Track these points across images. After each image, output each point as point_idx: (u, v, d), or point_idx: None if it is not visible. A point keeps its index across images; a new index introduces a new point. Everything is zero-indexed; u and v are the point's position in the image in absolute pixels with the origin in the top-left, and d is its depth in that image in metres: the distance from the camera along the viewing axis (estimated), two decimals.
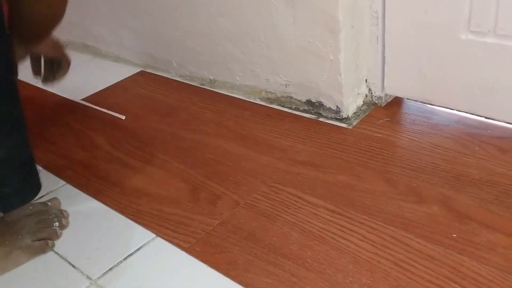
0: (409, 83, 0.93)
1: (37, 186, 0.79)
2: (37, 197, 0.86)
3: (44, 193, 0.87)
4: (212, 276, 0.67)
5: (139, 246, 0.73)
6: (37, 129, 1.09)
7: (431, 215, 0.71)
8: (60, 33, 1.54)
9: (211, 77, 1.17)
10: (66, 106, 1.17)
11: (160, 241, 0.74)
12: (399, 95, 0.98)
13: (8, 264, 0.72)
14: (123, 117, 1.09)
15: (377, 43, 0.92)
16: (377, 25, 0.90)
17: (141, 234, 0.76)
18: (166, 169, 0.90)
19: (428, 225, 0.69)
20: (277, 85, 1.04)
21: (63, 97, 1.17)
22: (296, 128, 0.96)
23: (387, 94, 0.98)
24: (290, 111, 1.03)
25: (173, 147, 0.96)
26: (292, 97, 1.02)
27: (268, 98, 1.07)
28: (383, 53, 0.93)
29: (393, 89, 0.96)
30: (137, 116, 1.10)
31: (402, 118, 0.95)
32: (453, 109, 0.92)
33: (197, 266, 0.69)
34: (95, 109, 1.13)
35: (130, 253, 0.72)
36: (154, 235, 0.75)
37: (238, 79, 1.11)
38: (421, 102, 0.96)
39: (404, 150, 0.85)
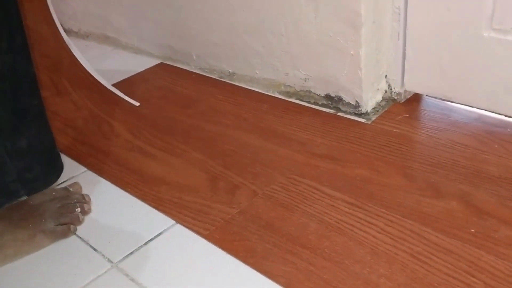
0: (429, 80, 0.93)
1: (59, 169, 0.80)
2: (59, 182, 0.88)
3: (66, 179, 0.89)
4: (231, 263, 0.68)
5: (159, 232, 0.74)
6: (60, 114, 1.11)
7: (450, 210, 0.71)
8: (80, 24, 1.56)
9: (230, 70, 1.18)
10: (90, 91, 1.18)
11: (180, 228, 0.75)
12: (419, 91, 0.98)
13: (31, 247, 0.73)
14: (137, 104, 1.10)
15: (398, 39, 0.92)
16: (398, 21, 0.91)
17: (161, 220, 0.77)
18: (186, 159, 0.91)
19: (446, 219, 0.70)
20: (297, 79, 1.04)
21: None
22: (315, 122, 0.97)
23: (407, 91, 0.99)
24: (308, 105, 1.03)
25: (192, 137, 0.97)
26: (311, 91, 1.03)
27: (287, 92, 1.08)
28: (404, 49, 0.93)
29: (413, 86, 0.96)
30: (157, 106, 1.11)
31: (421, 115, 0.95)
32: (473, 107, 0.92)
33: (216, 252, 0.70)
34: (116, 97, 1.15)
35: (150, 238, 0.73)
36: (174, 222, 0.76)
37: (257, 72, 1.12)
38: (441, 99, 0.96)
39: (423, 146, 0.86)
